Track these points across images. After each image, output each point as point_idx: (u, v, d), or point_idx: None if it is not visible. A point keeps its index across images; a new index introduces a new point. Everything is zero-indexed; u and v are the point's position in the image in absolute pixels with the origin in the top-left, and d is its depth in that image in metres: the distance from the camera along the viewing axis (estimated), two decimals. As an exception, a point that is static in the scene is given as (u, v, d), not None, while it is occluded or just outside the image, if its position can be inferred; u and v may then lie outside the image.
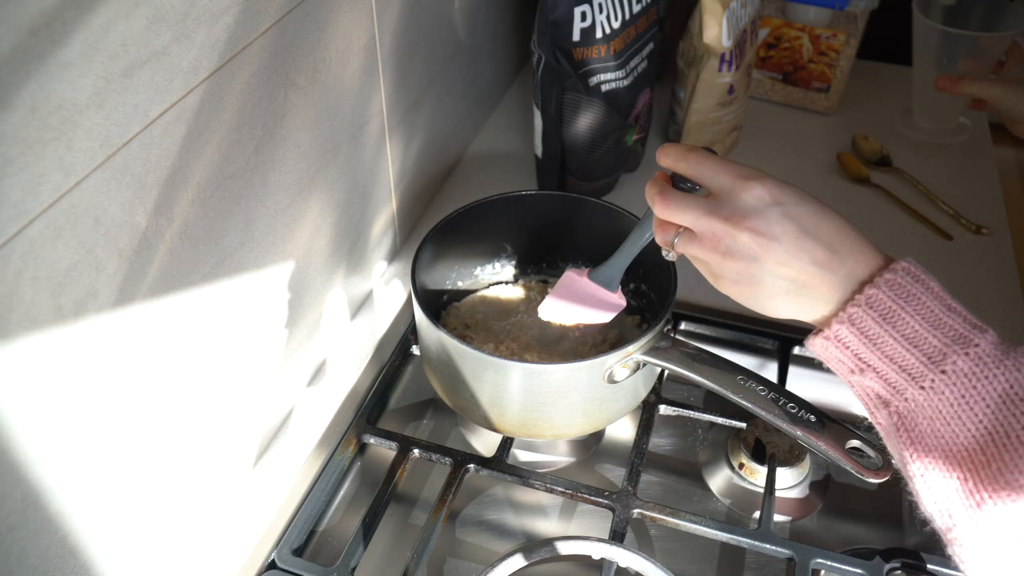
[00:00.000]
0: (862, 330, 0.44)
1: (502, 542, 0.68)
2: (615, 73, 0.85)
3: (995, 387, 0.41)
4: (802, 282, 0.46)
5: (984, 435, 0.41)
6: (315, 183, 0.64)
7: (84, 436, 0.45)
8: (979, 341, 0.42)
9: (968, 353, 0.42)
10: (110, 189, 0.42)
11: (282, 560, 0.61)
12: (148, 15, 0.41)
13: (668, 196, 0.50)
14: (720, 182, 0.48)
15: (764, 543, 0.62)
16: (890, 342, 0.43)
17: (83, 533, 0.47)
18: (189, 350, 0.53)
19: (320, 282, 0.70)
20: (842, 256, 0.46)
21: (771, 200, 0.46)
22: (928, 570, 0.61)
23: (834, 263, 0.46)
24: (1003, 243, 0.89)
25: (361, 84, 0.68)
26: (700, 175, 0.49)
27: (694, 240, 0.49)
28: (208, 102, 0.48)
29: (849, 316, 0.45)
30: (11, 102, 0.35)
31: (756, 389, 0.58)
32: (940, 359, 0.42)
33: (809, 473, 0.71)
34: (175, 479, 0.55)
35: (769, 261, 0.46)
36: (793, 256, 0.46)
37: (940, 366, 0.42)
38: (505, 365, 0.61)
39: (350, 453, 0.69)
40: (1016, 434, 0.40)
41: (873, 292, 0.44)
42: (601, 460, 0.74)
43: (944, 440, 0.43)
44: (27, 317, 0.39)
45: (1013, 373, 0.41)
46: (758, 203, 0.46)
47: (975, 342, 0.42)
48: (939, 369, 0.42)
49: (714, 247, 0.48)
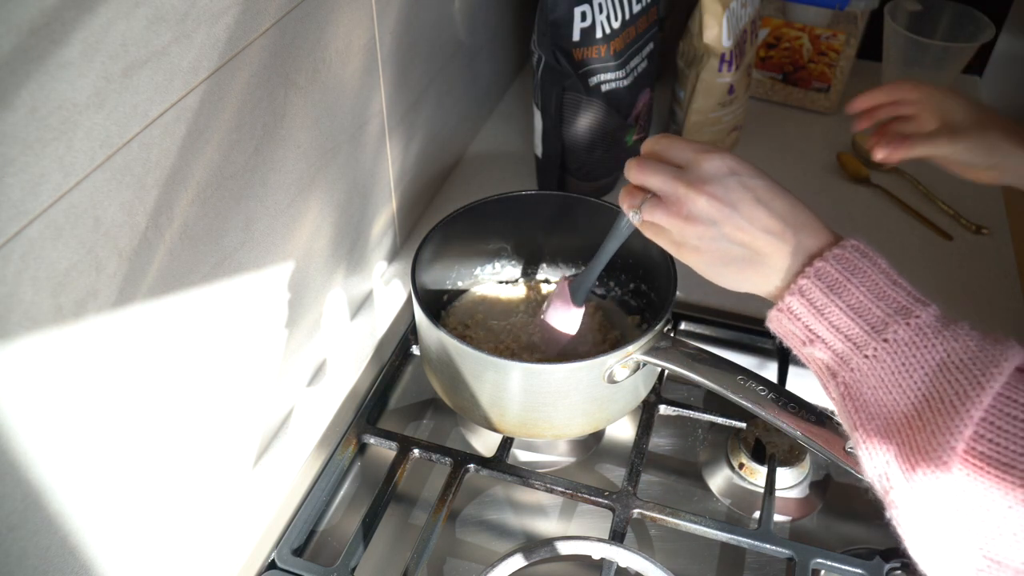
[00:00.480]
0: (811, 301, 0.47)
1: (502, 542, 0.68)
2: (615, 73, 0.85)
3: (933, 355, 0.43)
4: (756, 249, 0.49)
5: (920, 401, 0.43)
6: (315, 183, 0.64)
7: (84, 436, 0.45)
8: (920, 313, 0.44)
9: (909, 323, 0.44)
10: (110, 189, 0.42)
11: (282, 560, 0.61)
12: (148, 15, 0.41)
13: (642, 161, 0.54)
14: (685, 155, 0.52)
15: (764, 543, 0.62)
16: (836, 312, 0.46)
17: (83, 533, 0.47)
18: (189, 350, 0.53)
19: (320, 282, 0.70)
20: (794, 228, 0.49)
21: (728, 171, 0.50)
22: (928, 570, 0.61)
23: (787, 233, 0.49)
24: (1003, 243, 0.89)
25: (361, 84, 0.68)
26: (669, 152, 0.54)
27: (659, 205, 0.53)
28: (208, 102, 0.48)
29: (799, 287, 0.47)
30: (11, 102, 0.35)
31: (756, 389, 0.58)
32: (882, 328, 0.45)
33: (809, 473, 0.71)
34: (175, 479, 0.55)
35: (726, 225, 0.49)
36: (748, 222, 0.49)
37: (882, 335, 0.44)
38: (505, 365, 0.61)
39: (350, 453, 0.69)
40: (949, 399, 0.42)
41: (821, 265, 0.47)
42: (601, 460, 0.74)
43: (885, 408, 0.45)
44: (27, 317, 0.39)
45: (951, 343, 0.43)
46: (717, 172, 0.50)
47: (916, 313, 0.44)
48: (881, 338, 0.44)
49: (677, 211, 0.51)
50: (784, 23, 1.05)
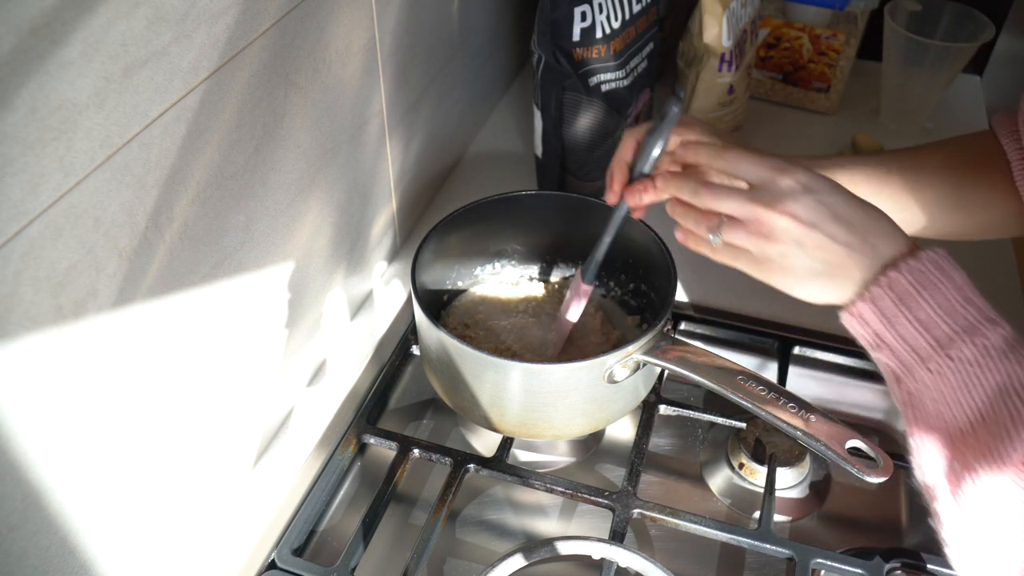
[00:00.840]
0: (880, 309, 0.47)
1: (502, 542, 0.68)
2: (615, 73, 0.85)
3: (994, 377, 0.44)
4: (836, 264, 0.49)
5: (977, 420, 0.44)
6: (315, 183, 0.64)
7: (84, 436, 0.45)
8: (988, 334, 0.45)
9: (975, 342, 0.45)
10: (110, 189, 0.42)
11: (282, 560, 0.61)
12: (148, 15, 0.41)
13: (713, 186, 0.53)
14: (758, 173, 0.52)
15: (764, 543, 0.62)
16: (904, 323, 0.47)
17: (83, 533, 0.47)
18: (189, 350, 0.53)
19: (320, 282, 0.70)
20: (872, 240, 0.49)
21: (804, 188, 0.50)
22: (928, 570, 0.61)
23: (865, 247, 0.49)
24: (1003, 243, 0.89)
25: (361, 84, 0.68)
26: (739, 170, 0.52)
27: (738, 227, 0.52)
28: (208, 102, 0.48)
29: (871, 295, 0.48)
30: (11, 102, 0.35)
31: (756, 389, 0.58)
32: (948, 344, 0.45)
33: (809, 473, 0.71)
34: (175, 479, 0.55)
35: (808, 244, 0.49)
36: (830, 239, 0.49)
37: (947, 351, 0.45)
38: (505, 365, 0.61)
39: (350, 453, 0.69)
40: (1004, 423, 0.43)
41: (895, 275, 0.47)
42: (601, 460, 0.74)
43: (944, 421, 0.46)
44: (27, 317, 0.39)
45: (1014, 367, 0.44)
46: (793, 190, 0.50)
47: (984, 333, 0.45)
48: (945, 353, 0.45)
49: (757, 231, 0.51)
50: (784, 23, 1.05)
